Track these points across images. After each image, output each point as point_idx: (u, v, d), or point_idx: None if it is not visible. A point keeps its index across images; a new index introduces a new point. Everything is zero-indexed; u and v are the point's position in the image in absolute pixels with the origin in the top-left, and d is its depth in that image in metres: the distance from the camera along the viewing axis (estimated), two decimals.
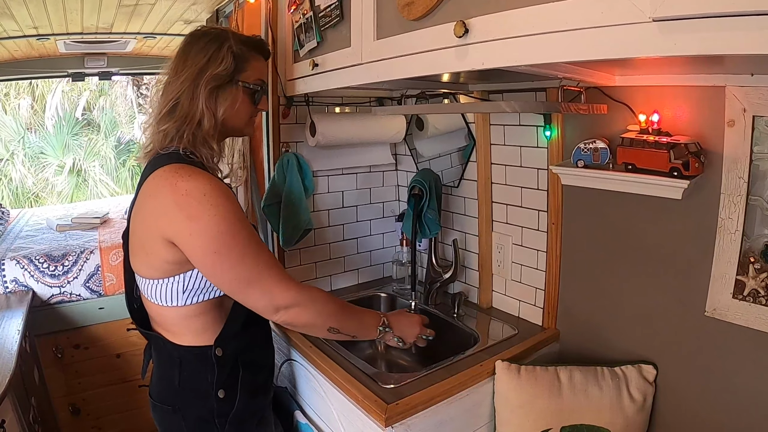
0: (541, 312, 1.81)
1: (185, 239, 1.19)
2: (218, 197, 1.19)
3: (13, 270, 2.64)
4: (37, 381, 2.46)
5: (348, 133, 2.06)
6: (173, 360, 1.35)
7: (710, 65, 1.19)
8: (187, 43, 1.35)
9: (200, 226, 1.17)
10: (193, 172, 1.21)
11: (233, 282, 1.23)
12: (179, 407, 1.35)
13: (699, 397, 1.39)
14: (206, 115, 1.29)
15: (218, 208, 1.18)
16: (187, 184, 1.18)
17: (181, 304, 1.29)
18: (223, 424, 1.35)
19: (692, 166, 1.22)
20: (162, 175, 1.22)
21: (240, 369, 1.38)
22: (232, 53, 1.32)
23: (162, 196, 1.20)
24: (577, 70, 1.29)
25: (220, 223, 1.18)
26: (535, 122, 1.71)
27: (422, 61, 1.25)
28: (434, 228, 1.98)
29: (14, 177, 9.08)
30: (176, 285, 1.27)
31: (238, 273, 1.22)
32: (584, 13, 0.88)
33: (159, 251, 1.23)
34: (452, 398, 1.42)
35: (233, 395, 1.36)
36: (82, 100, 9.64)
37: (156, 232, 1.22)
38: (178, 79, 1.30)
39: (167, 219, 1.19)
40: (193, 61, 1.30)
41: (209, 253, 1.19)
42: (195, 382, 1.35)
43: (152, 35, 3.22)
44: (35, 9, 2.51)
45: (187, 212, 1.17)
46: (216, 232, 1.18)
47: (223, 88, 1.33)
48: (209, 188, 1.19)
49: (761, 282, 1.24)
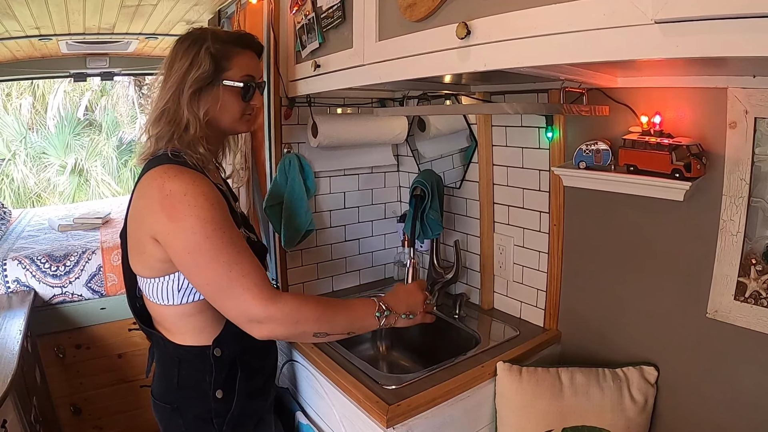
0: (542, 313, 1.81)
1: (166, 238, 1.21)
2: (198, 198, 1.19)
3: (14, 270, 2.64)
4: (39, 381, 2.47)
5: (350, 134, 2.06)
6: (173, 359, 1.36)
7: (712, 67, 1.19)
8: (173, 48, 1.37)
9: (177, 226, 1.18)
10: (180, 172, 1.23)
11: (207, 286, 1.21)
12: (178, 406, 1.36)
13: (700, 399, 1.39)
14: (191, 120, 1.31)
15: (196, 209, 1.18)
16: (171, 184, 1.20)
17: (177, 302, 1.30)
18: (221, 424, 1.36)
19: (694, 168, 1.22)
20: (152, 176, 1.24)
21: (239, 370, 1.38)
22: (210, 54, 1.32)
23: (149, 196, 1.23)
24: (579, 72, 1.29)
25: (194, 224, 1.18)
26: (537, 123, 1.71)
27: (424, 63, 1.25)
28: (436, 228, 1.98)
29: (16, 177, 9.09)
30: (171, 284, 1.29)
31: (210, 277, 1.19)
32: (586, 15, 0.89)
33: (150, 250, 1.25)
34: (454, 399, 1.42)
35: (231, 396, 1.37)
36: (84, 100, 9.65)
37: (145, 231, 1.24)
38: (165, 85, 1.33)
39: (153, 218, 1.21)
40: (177, 66, 1.32)
41: (185, 254, 1.20)
42: (194, 381, 1.35)
43: (154, 36, 3.23)
44: (37, 9, 2.51)
45: (168, 212, 1.19)
46: (191, 234, 1.18)
47: (205, 90, 1.33)
48: (191, 189, 1.20)
49: (763, 284, 1.23)
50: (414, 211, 1.94)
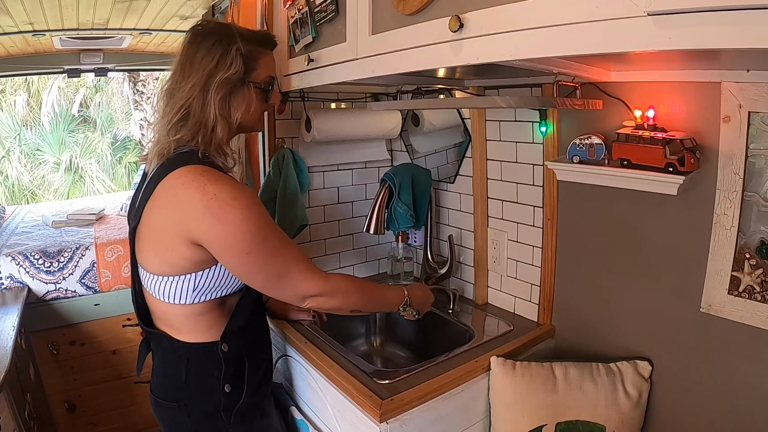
0: (536, 308, 1.81)
1: (216, 242, 1.21)
2: (247, 201, 1.22)
3: (8, 266, 2.64)
4: (33, 378, 2.46)
5: (344, 128, 2.06)
6: (179, 357, 1.35)
7: (706, 60, 1.19)
8: (192, 44, 1.31)
9: (232, 230, 1.19)
10: (220, 176, 1.23)
11: (265, 279, 1.29)
12: (185, 403, 1.36)
13: (694, 393, 1.40)
14: (220, 122, 1.28)
15: (248, 212, 1.21)
16: (215, 187, 1.19)
17: (188, 302, 1.30)
18: (228, 416, 1.37)
19: (688, 162, 1.22)
20: (187, 176, 1.21)
21: (246, 363, 1.40)
22: (241, 55, 1.30)
23: (187, 197, 1.20)
24: (572, 65, 1.28)
25: (251, 226, 1.21)
26: (531, 118, 1.71)
27: (417, 56, 1.24)
28: (404, 222, 1.99)
29: (10, 174, 9.08)
30: (187, 283, 1.27)
31: (269, 271, 1.28)
32: (579, 8, 0.88)
33: (180, 249, 1.23)
34: (447, 394, 1.42)
35: (240, 389, 1.38)
36: (78, 96, 9.62)
37: (180, 231, 1.21)
38: (187, 84, 1.27)
39: (196, 222, 1.19)
40: (200, 65, 1.28)
41: (242, 255, 1.23)
42: (202, 377, 1.36)
43: (148, 31, 3.21)
44: (31, 4, 2.50)
45: (218, 216, 1.18)
46: (248, 236, 1.21)
47: (234, 92, 1.32)
48: (238, 192, 1.21)
49: (756, 278, 1.24)
50: (376, 202, 1.98)
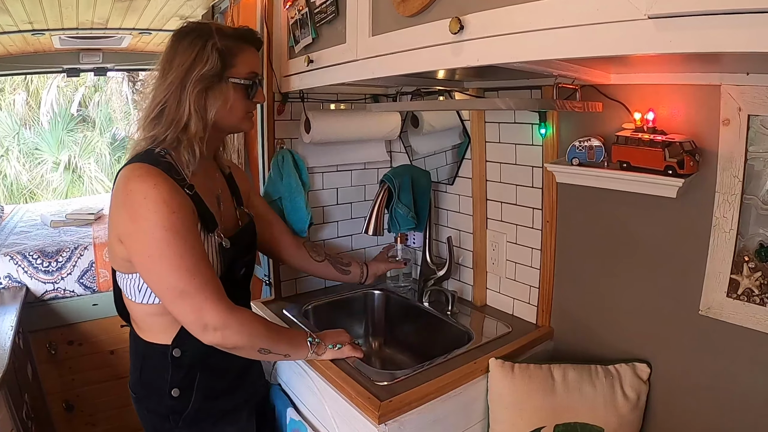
0: (535, 310, 1.81)
1: (127, 239, 1.23)
2: (158, 203, 1.18)
3: (6, 266, 2.63)
4: (31, 377, 2.46)
5: (343, 129, 2.05)
6: (138, 354, 1.40)
7: (706, 63, 1.19)
8: (172, 42, 1.33)
9: (138, 228, 1.19)
10: (146, 173, 1.21)
11: (165, 291, 1.23)
12: (140, 398, 1.41)
13: (693, 396, 1.40)
14: (194, 119, 1.28)
15: (155, 215, 1.18)
16: (134, 184, 1.20)
17: (143, 301, 1.32)
18: (176, 420, 1.37)
19: (687, 165, 1.22)
20: (124, 173, 1.24)
21: (198, 372, 1.37)
22: (217, 50, 1.30)
23: (115, 193, 1.24)
24: (572, 68, 1.28)
25: (155, 229, 1.18)
26: (531, 120, 1.71)
27: (417, 58, 1.24)
28: (405, 223, 1.98)
29: (9, 173, 9.07)
30: (135, 281, 1.30)
31: (169, 282, 1.20)
32: (579, 10, 0.88)
33: (116, 247, 1.27)
34: (446, 396, 1.42)
35: (188, 395, 1.37)
36: (77, 95, 9.62)
37: (112, 227, 1.27)
38: (165, 81, 1.29)
39: (117, 218, 1.23)
40: (178, 62, 1.29)
41: (144, 256, 1.21)
42: (152, 377, 1.38)
43: (148, 31, 3.21)
44: (30, 4, 2.50)
45: (129, 212, 1.20)
46: (150, 237, 1.18)
47: (212, 89, 1.31)
48: (152, 193, 1.18)
49: (755, 281, 1.24)
50: (375, 203, 1.94)
